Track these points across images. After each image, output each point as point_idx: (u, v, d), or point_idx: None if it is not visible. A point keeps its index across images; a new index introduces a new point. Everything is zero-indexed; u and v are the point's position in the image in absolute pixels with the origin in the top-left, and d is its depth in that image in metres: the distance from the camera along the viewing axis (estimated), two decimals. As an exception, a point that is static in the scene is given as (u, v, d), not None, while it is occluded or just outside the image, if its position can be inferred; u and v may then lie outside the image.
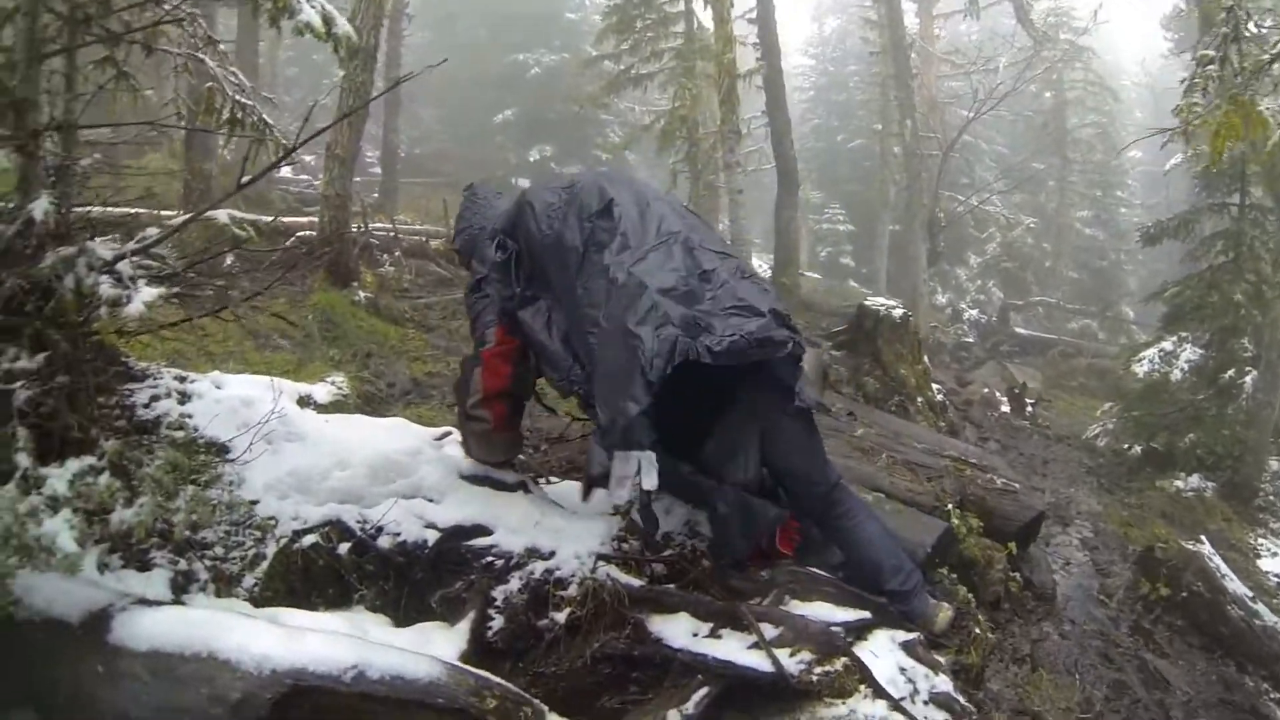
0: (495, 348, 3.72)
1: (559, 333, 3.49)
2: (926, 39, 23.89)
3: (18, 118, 3.01)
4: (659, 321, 3.06)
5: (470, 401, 3.76)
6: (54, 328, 2.87)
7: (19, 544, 2.43)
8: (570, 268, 3.39)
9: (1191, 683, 5.17)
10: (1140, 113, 32.88)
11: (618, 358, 3.09)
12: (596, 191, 3.53)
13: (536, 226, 3.55)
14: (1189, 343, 10.92)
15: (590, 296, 3.29)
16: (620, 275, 3.22)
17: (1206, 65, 5.04)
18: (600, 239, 3.38)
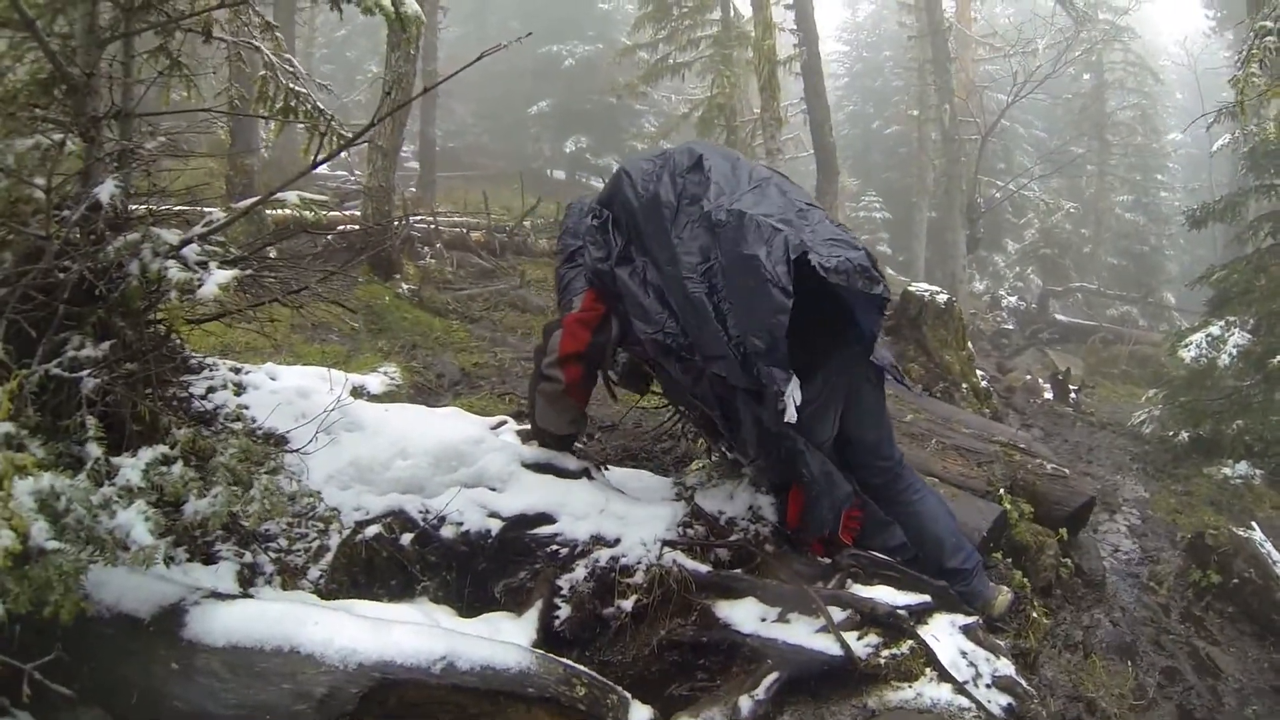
0: (579, 313, 3.76)
1: (654, 291, 3.55)
2: (964, 21, 23.64)
3: (78, 103, 3.00)
4: (768, 235, 3.18)
5: (547, 361, 3.78)
6: (119, 315, 2.85)
7: (91, 536, 2.36)
8: (666, 222, 3.48)
9: (1244, 670, 5.10)
10: (1181, 94, 32.37)
11: (746, 282, 3.18)
12: (687, 151, 3.67)
13: (633, 191, 3.65)
14: (1237, 327, 10.73)
15: (685, 244, 3.39)
16: (720, 215, 3.33)
17: (1264, 36, 4.95)
18: (694, 192, 3.49)
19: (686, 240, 3.41)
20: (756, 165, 3.75)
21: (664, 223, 3.49)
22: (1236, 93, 5.11)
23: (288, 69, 4.19)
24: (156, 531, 2.48)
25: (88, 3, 3.05)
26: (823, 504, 3.49)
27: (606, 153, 27.82)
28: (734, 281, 3.25)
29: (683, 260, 3.38)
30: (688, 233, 3.42)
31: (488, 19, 31.31)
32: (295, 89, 4.18)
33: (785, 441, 3.43)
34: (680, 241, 3.42)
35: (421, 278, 10.50)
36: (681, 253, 3.40)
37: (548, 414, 3.89)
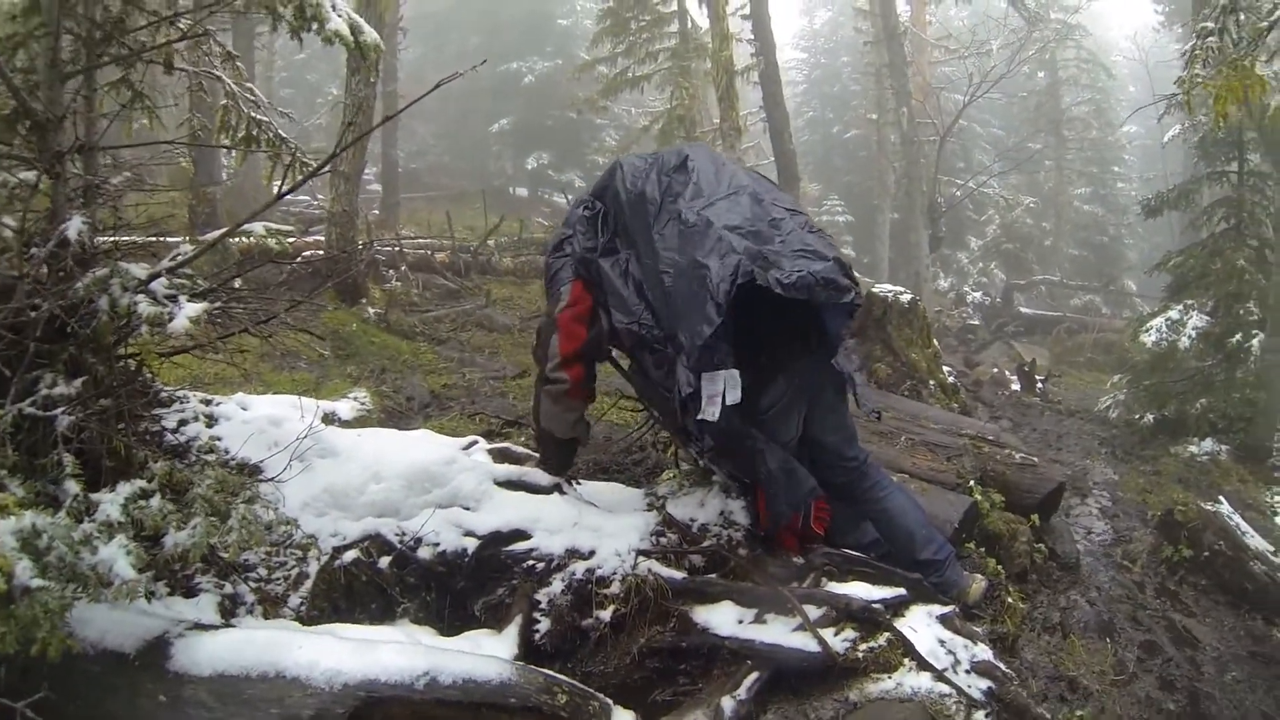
0: (570, 309, 3.81)
1: (634, 283, 3.66)
2: (919, 26, 23.95)
3: (42, 139, 2.99)
4: (724, 251, 3.30)
5: (550, 365, 3.83)
6: (90, 352, 2.83)
7: (74, 573, 2.35)
8: (649, 217, 3.61)
9: (1220, 638, 5.21)
10: (1134, 87, 32.91)
11: (690, 286, 3.32)
12: (676, 152, 3.83)
13: (624, 185, 3.79)
14: (1195, 310, 10.95)
15: (665, 240, 3.51)
16: (691, 216, 3.46)
17: (1206, 37, 5.10)
18: (675, 189, 3.62)
19: (667, 236, 3.52)
20: (741, 171, 3.85)
21: (647, 217, 3.62)
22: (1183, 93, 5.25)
23: (249, 98, 4.20)
24: (139, 565, 2.48)
25: (50, 37, 3.05)
26: (780, 500, 3.57)
27: (569, 168, 27.88)
28: (682, 282, 3.37)
29: (661, 255, 3.50)
30: (668, 229, 3.53)
31: (447, 39, 31.28)
32: (257, 117, 4.19)
33: (746, 440, 3.50)
34: (660, 237, 3.53)
35: (388, 301, 10.48)
36: (661, 248, 3.51)
37: (553, 415, 3.93)
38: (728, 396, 3.31)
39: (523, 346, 9.17)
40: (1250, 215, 10.70)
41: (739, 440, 3.50)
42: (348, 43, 3.42)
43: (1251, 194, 10.83)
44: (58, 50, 3.10)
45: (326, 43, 3.42)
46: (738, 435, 3.47)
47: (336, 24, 3.39)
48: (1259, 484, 9.10)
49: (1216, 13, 5.07)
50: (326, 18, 3.36)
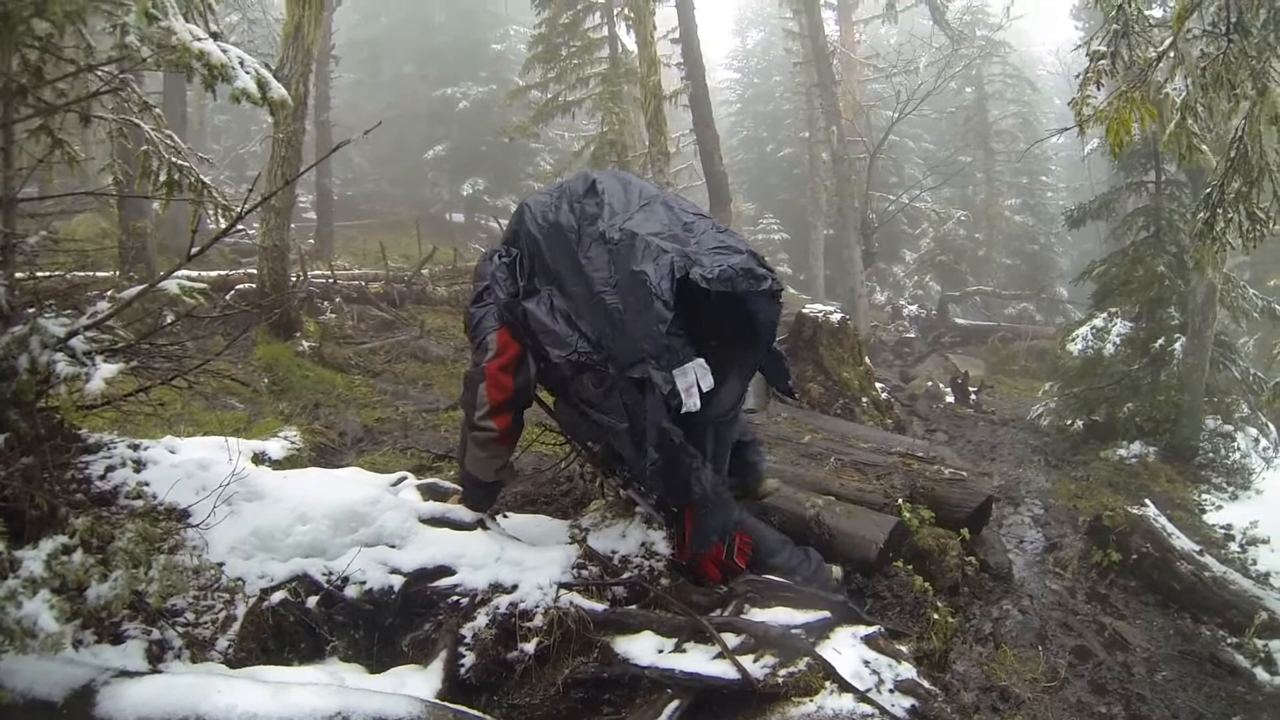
0: (497, 359, 3.85)
1: (561, 316, 3.72)
2: (848, 45, 24.41)
3: None
4: (655, 255, 3.46)
5: (478, 414, 3.88)
6: (12, 408, 2.85)
7: (3, 628, 2.41)
8: (570, 245, 3.71)
9: (1151, 639, 5.32)
10: (1059, 100, 33.63)
11: (635, 295, 3.45)
12: (582, 178, 3.95)
13: (535, 223, 3.87)
14: (1119, 317, 11.28)
15: (593, 263, 3.61)
16: (614, 234, 3.60)
17: (1099, 60, 5.25)
18: (590, 212, 3.74)
19: (594, 259, 3.61)
20: (645, 184, 3.99)
21: (570, 246, 3.70)
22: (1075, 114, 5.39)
23: (169, 144, 4.21)
24: (62, 619, 2.55)
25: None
26: (709, 523, 3.66)
27: (504, 193, 27.82)
28: (627, 295, 3.47)
29: (593, 277, 3.59)
30: (593, 251, 3.63)
31: (381, 65, 31.15)
32: (178, 163, 4.20)
33: (685, 458, 3.54)
34: (589, 261, 3.62)
35: (322, 334, 10.37)
36: (590, 271, 3.60)
37: (478, 461, 3.98)
38: (702, 383, 3.45)
39: (456, 378, 9.15)
40: (1168, 223, 11.09)
41: (679, 458, 3.55)
42: (255, 99, 3.46)
43: (1169, 202, 11.23)
44: (-26, 107, 3.08)
45: (234, 100, 3.46)
46: (679, 452, 3.54)
47: (244, 81, 3.43)
48: (1186, 483, 9.38)
49: (1109, 36, 5.22)
50: (233, 76, 3.40)
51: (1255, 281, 13.61)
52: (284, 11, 10.38)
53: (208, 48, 3.36)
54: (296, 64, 9.92)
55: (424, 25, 30.44)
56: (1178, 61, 5.04)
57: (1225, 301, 10.41)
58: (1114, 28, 5.17)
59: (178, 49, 3.36)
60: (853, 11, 25.36)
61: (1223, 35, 4.94)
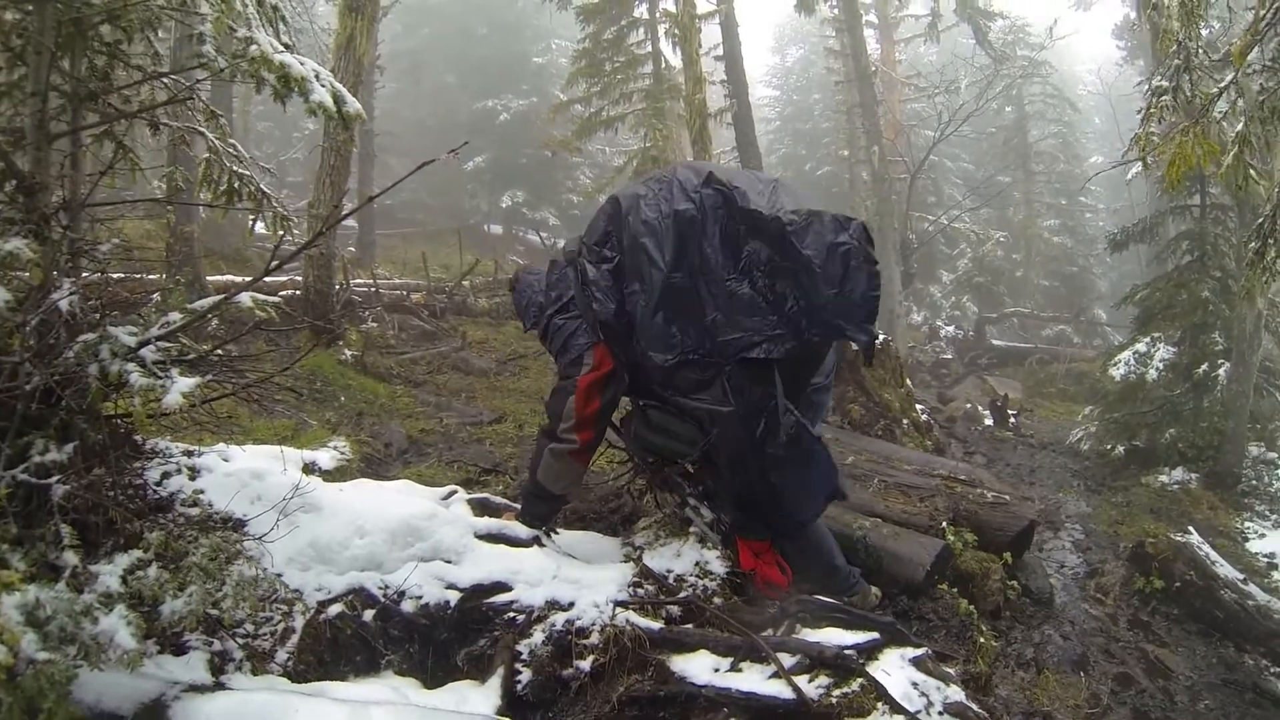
0: (592, 373, 3.93)
1: (662, 315, 3.75)
2: (889, 65, 24.31)
3: (29, 200, 3.03)
4: (840, 224, 3.55)
5: (563, 426, 3.96)
6: (81, 417, 2.85)
7: (77, 643, 2.39)
8: (696, 235, 3.71)
9: (1193, 668, 5.29)
10: (1099, 119, 33.54)
11: (833, 269, 3.46)
12: (691, 169, 3.93)
13: (636, 217, 3.84)
14: (1162, 342, 11.18)
15: (719, 251, 3.67)
16: (788, 216, 3.58)
17: (1161, 96, 5.25)
18: (713, 202, 3.73)
19: (719, 247, 3.66)
20: (757, 172, 4.02)
21: (694, 236, 3.71)
22: (1139, 150, 5.39)
23: (231, 152, 4.27)
24: (139, 635, 2.52)
25: (37, 98, 3.10)
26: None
27: (543, 207, 27.98)
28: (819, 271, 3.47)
29: (718, 266, 3.64)
30: (718, 240, 3.67)
31: (423, 75, 31.44)
32: (239, 171, 4.26)
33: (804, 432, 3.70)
34: (713, 250, 3.66)
35: (364, 343, 10.47)
36: (715, 260, 3.65)
37: (552, 471, 4.06)
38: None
39: (499, 390, 9.21)
40: (1213, 247, 10.98)
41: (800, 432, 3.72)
42: (331, 113, 3.49)
43: (1214, 226, 11.13)
44: (45, 111, 3.14)
45: (311, 113, 3.50)
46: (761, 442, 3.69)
47: (320, 95, 3.46)
48: (1229, 510, 9.26)
49: (1170, 71, 5.22)
50: (310, 89, 3.44)
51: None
52: (330, 21, 10.53)
53: (287, 60, 3.40)
54: (349, 75, 10.06)
55: (466, 37, 30.74)
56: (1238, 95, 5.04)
57: (1270, 327, 10.30)
58: (1175, 63, 5.18)
59: (256, 60, 3.40)
60: (894, 31, 25.28)
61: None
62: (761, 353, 3.58)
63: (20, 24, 3.26)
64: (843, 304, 3.46)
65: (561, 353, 4.12)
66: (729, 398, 3.68)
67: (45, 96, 3.13)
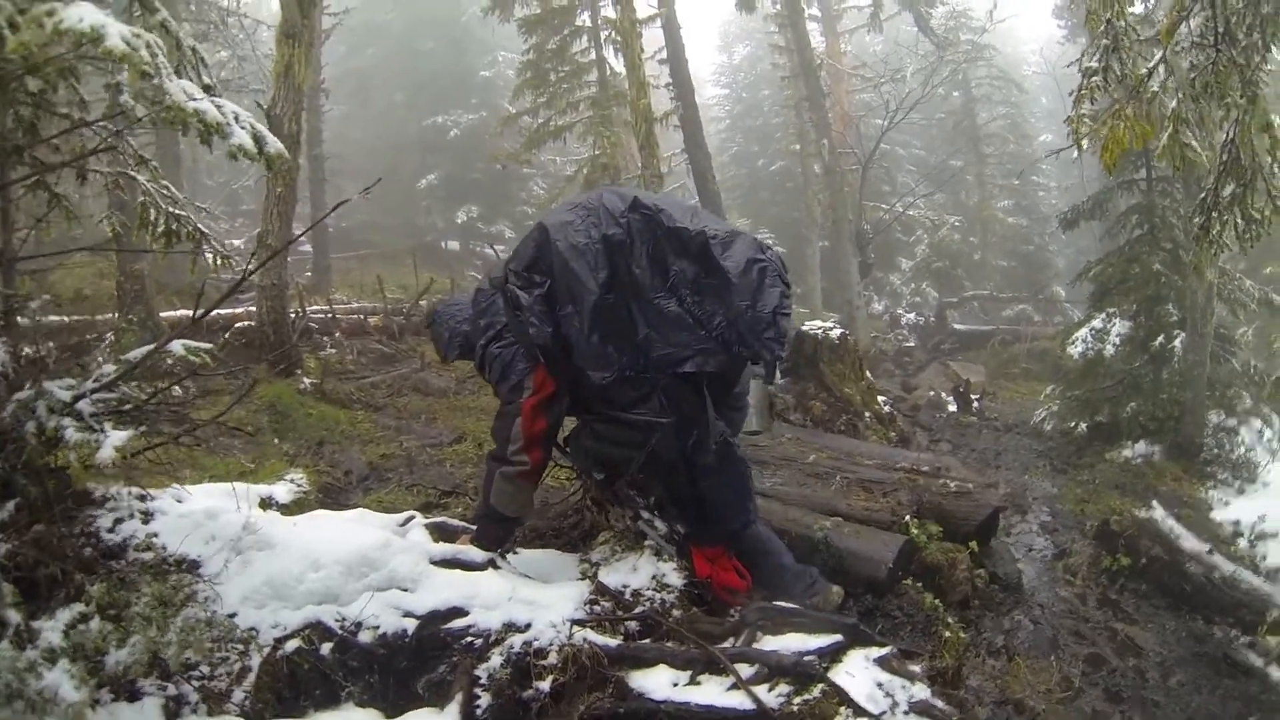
0: (535, 395, 3.95)
1: (598, 335, 3.77)
2: (834, 57, 24.49)
3: None
4: (757, 245, 3.82)
5: (511, 449, 3.96)
6: (20, 474, 2.85)
7: (24, 699, 2.42)
8: (625, 257, 3.77)
9: (1163, 643, 5.31)
10: (1046, 99, 33.89)
11: (749, 281, 3.64)
12: (605, 195, 4.00)
13: (566, 243, 3.84)
14: (1117, 317, 11.28)
15: (646, 271, 3.76)
16: (713, 231, 3.76)
17: (1091, 77, 5.29)
18: (639, 227, 3.81)
19: (647, 267, 3.74)
20: (677, 198, 4.15)
21: (623, 258, 3.77)
22: (1073, 133, 5.43)
23: (165, 194, 4.23)
24: (82, 687, 2.56)
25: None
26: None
27: (498, 220, 27.94)
28: (733, 288, 3.63)
29: (648, 286, 3.73)
30: (645, 260, 3.74)
31: (371, 95, 31.28)
32: (175, 213, 4.22)
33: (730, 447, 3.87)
34: (642, 270, 3.73)
35: (323, 370, 10.38)
36: (644, 279, 3.73)
37: (505, 495, 4.05)
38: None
39: (459, 410, 9.14)
40: (1162, 220, 11.12)
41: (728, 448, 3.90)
42: (252, 155, 3.48)
43: (1161, 199, 11.26)
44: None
45: (231, 157, 3.48)
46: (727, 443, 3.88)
47: (240, 138, 3.45)
48: (1193, 480, 9.36)
49: (1099, 52, 5.25)
50: (229, 133, 3.42)
51: (1250, 270, 13.60)
52: (274, 48, 10.45)
53: (203, 107, 3.37)
54: (288, 103, 9.97)
55: (413, 54, 30.64)
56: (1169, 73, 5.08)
57: (1223, 295, 10.41)
58: (1104, 43, 5.21)
59: (171, 108, 3.37)
60: (837, 22, 25.47)
61: (1211, 45, 5.00)
62: (693, 366, 3.68)
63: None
64: (754, 319, 3.60)
65: (502, 380, 4.12)
66: (666, 409, 3.77)
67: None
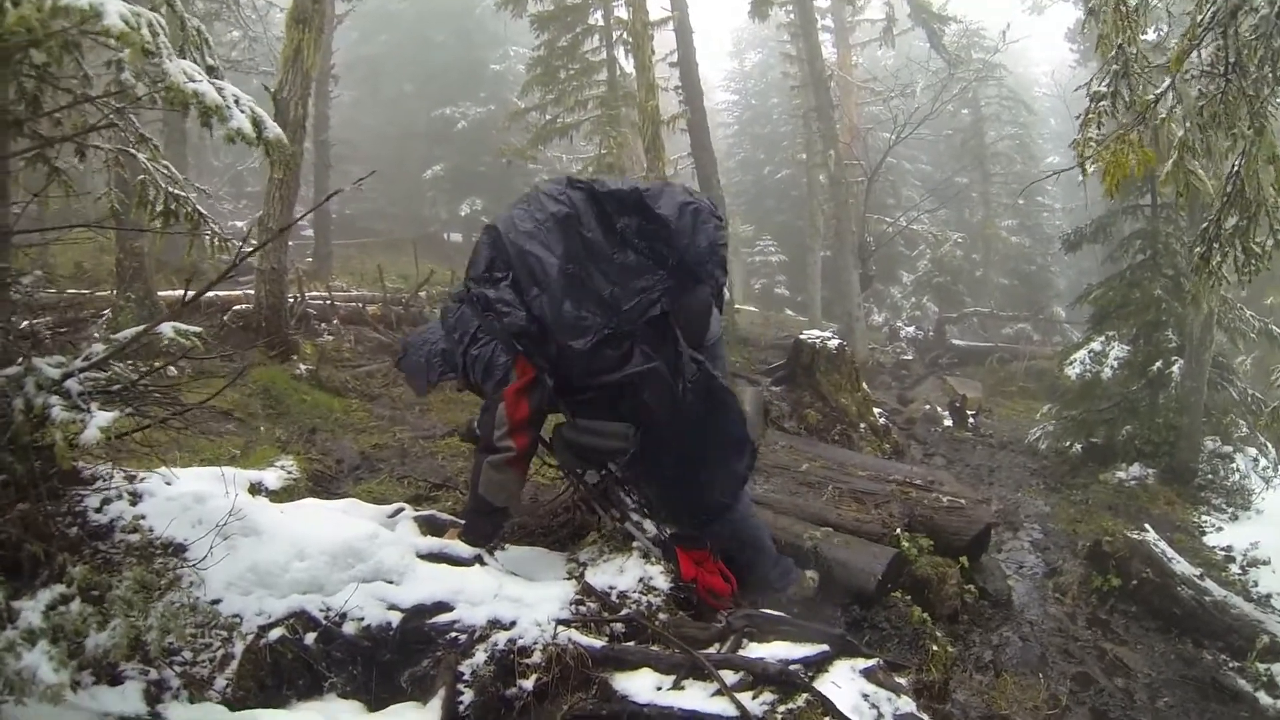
0: (515, 383, 4.00)
1: (570, 303, 3.93)
2: (845, 69, 24.50)
3: None
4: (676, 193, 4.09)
5: (497, 434, 4.01)
6: (6, 451, 2.82)
7: (3, 678, 2.41)
8: (573, 228, 4.00)
9: (1152, 665, 5.33)
10: (1054, 121, 33.96)
11: (686, 221, 3.91)
12: (536, 191, 4.26)
13: (516, 232, 4.06)
14: (1116, 340, 11.32)
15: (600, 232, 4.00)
16: (641, 185, 4.09)
17: (1099, 101, 5.27)
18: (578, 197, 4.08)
19: (597, 228, 3.99)
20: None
21: (573, 228, 3.99)
22: (1078, 156, 5.41)
23: (165, 174, 4.20)
24: (62, 669, 2.53)
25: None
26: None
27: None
28: (673, 230, 3.90)
29: (603, 246, 3.97)
30: (594, 223, 3.99)
31: (380, 83, 31.30)
32: (174, 192, 4.19)
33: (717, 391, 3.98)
34: (593, 233, 3.97)
35: (319, 356, 10.31)
36: (597, 241, 3.97)
37: (493, 484, 4.07)
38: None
39: (453, 402, 9.09)
40: (1165, 246, 11.15)
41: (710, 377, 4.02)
42: (250, 140, 3.46)
43: (1165, 225, 11.29)
44: (-28, 139, 3.08)
45: (229, 141, 3.46)
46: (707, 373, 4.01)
47: (239, 122, 3.43)
48: (1186, 505, 9.39)
49: (1108, 77, 5.24)
50: (228, 116, 3.39)
51: (1250, 300, 13.62)
52: (284, 31, 10.42)
53: (202, 88, 3.34)
54: (295, 87, 9.95)
55: (424, 44, 30.62)
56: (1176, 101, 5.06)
57: (1222, 324, 10.47)
58: (1114, 68, 5.20)
59: (172, 89, 3.35)
60: (850, 35, 25.49)
61: (1221, 75, 4.99)
62: (663, 306, 3.89)
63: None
64: (697, 253, 3.89)
65: (486, 378, 4.15)
66: (650, 357, 3.91)
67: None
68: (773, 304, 30.24)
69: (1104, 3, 5.11)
